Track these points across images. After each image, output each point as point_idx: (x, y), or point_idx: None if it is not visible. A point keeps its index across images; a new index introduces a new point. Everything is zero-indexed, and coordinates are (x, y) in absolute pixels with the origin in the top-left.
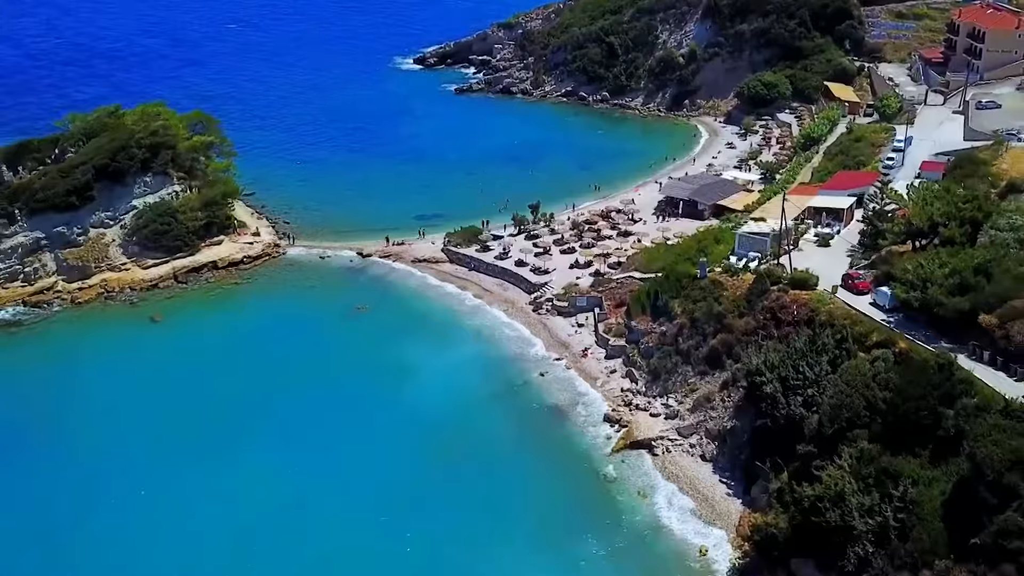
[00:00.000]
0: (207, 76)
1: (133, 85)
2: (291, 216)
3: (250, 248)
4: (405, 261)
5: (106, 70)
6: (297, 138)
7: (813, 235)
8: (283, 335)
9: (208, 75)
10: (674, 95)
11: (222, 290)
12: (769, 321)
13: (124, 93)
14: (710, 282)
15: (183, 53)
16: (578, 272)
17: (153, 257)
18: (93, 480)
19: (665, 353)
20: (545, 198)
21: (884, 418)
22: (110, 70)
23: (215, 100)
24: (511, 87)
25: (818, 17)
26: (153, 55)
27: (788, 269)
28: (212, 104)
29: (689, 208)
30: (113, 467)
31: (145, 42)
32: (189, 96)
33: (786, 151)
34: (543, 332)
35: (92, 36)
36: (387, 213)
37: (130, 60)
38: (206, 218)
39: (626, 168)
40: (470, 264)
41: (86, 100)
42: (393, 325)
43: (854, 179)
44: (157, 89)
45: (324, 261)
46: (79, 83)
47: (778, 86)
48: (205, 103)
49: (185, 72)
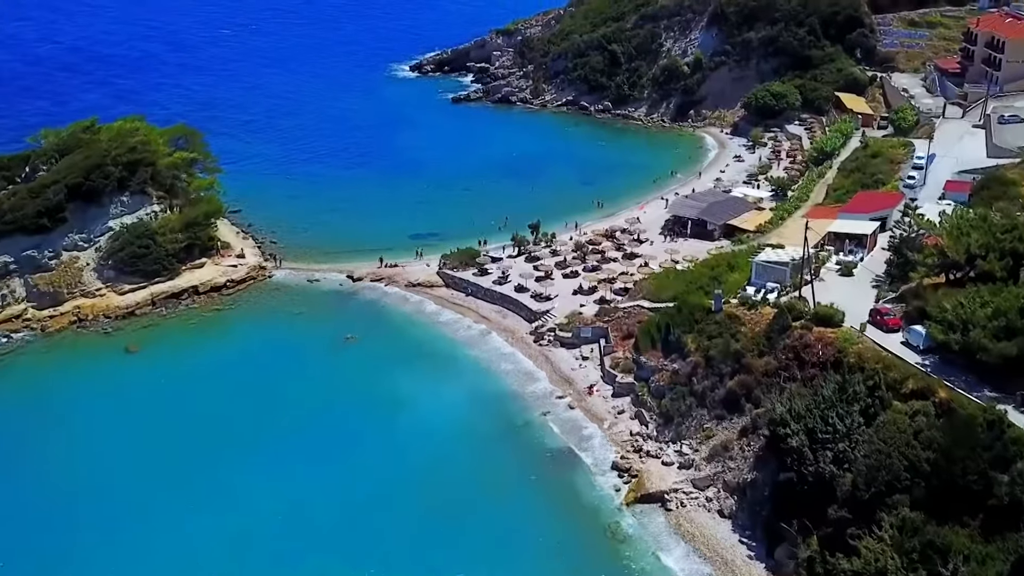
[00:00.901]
0: (198, 83)
1: (123, 92)
2: (279, 235)
3: (234, 271)
4: (398, 285)
5: (99, 76)
6: (288, 150)
7: (835, 263)
8: (267, 368)
9: (199, 82)
10: (678, 105)
11: (203, 317)
12: (792, 362)
13: (113, 99)
14: (726, 316)
15: (177, 59)
16: (582, 299)
17: (130, 282)
18: (58, 528)
19: (678, 394)
20: (546, 216)
21: (928, 482)
22: (104, 76)
23: (204, 109)
24: (510, 96)
25: (828, 25)
26: (145, 60)
27: (811, 303)
28: (200, 113)
29: (698, 228)
30: (83, 512)
31: (141, 47)
32: (177, 104)
33: (797, 165)
34: (545, 365)
35: (84, 40)
36: (380, 232)
37: (122, 65)
38: (187, 240)
39: (630, 183)
40: (467, 289)
41: (78, 108)
42: (385, 357)
43: (876, 200)
44: (148, 96)
45: (312, 285)
46: (69, 89)
47: (787, 96)
48: (194, 112)
49: (174, 79)
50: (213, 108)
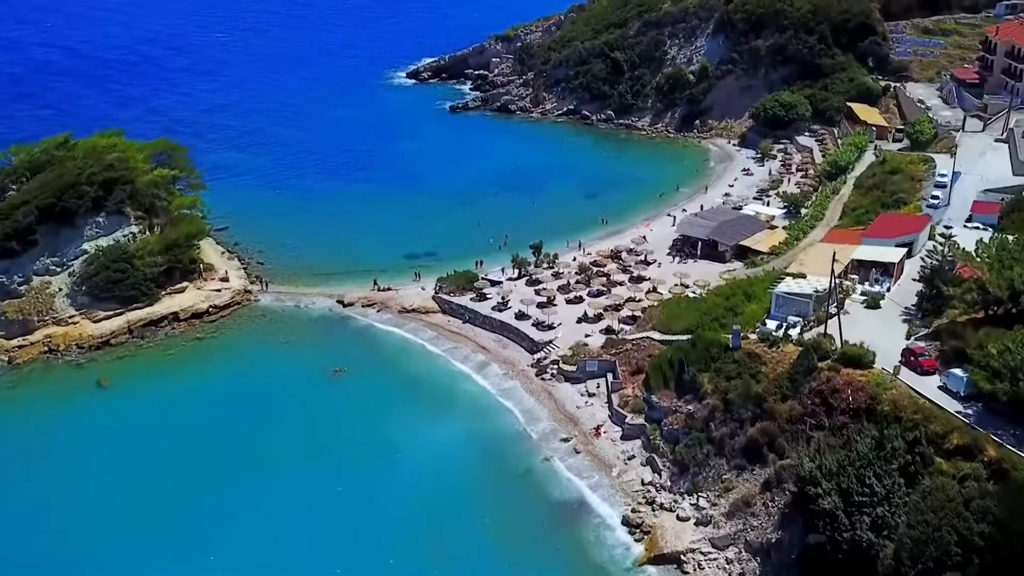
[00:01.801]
0: (186, 92)
1: (91, 101)
2: (266, 255)
3: (217, 296)
4: (391, 311)
5: (91, 81)
6: (279, 161)
7: (859, 293)
8: (249, 406)
9: (188, 90)
10: (684, 115)
11: (182, 347)
12: (819, 407)
13: (111, 105)
14: (745, 354)
15: (168, 64)
16: (586, 327)
17: (105, 309)
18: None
19: (694, 440)
20: (547, 233)
21: (982, 558)
22: (93, 81)
23: (193, 118)
24: (509, 105)
25: (839, 33)
26: (139, 65)
27: (838, 340)
28: (189, 123)
29: (708, 248)
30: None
31: (140, 50)
32: (164, 112)
33: (809, 180)
34: (548, 402)
35: (72, 46)
36: (373, 251)
37: (119, 70)
38: (167, 263)
39: (635, 197)
40: (464, 316)
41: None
42: (376, 393)
43: (901, 223)
44: (136, 103)
45: (300, 310)
46: (68, 95)
47: (797, 107)
48: (182, 122)
49: (162, 87)
50: (201, 118)
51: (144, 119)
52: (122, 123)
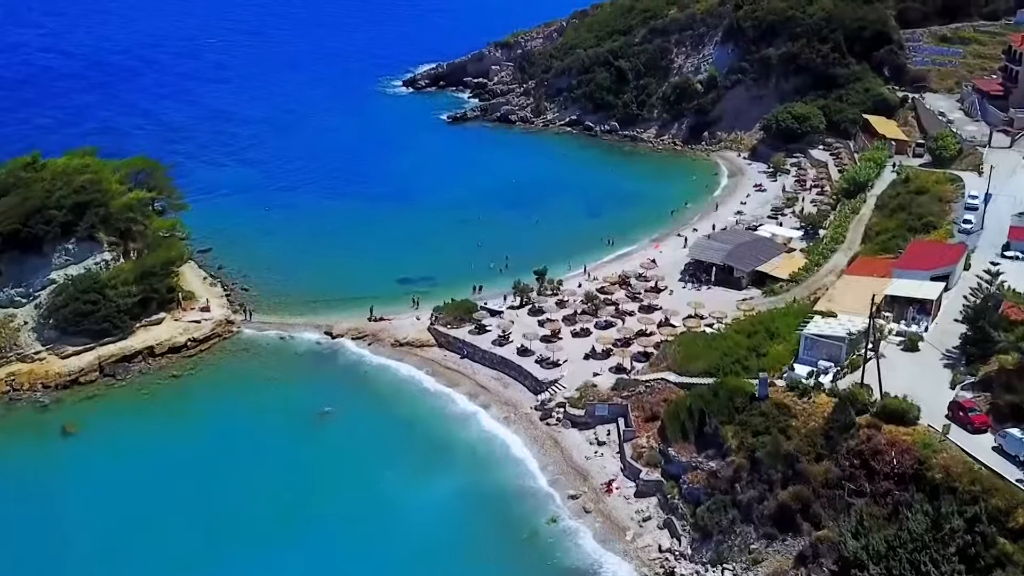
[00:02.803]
0: (172, 100)
1: (85, 110)
2: (251, 280)
3: (196, 328)
4: (384, 344)
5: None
6: (269, 176)
7: (894, 333)
8: (225, 456)
9: (175, 98)
10: (691, 126)
11: (157, 386)
12: (859, 470)
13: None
14: (773, 405)
15: (156, 71)
16: (595, 364)
17: (74, 343)
18: None
19: (717, 504)
20: (550, 255)
21: None
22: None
23: (180, 130)
24: (509, 115)
25: (853, 41)
26: (120, 74)
27: (877, 390)
28: (175, 134)
29: (723, 273)
30: None
31: (116, 59)
32: (150, 123)
33: (826, 197)
34: (553, 451)
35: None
36: (365, 276)
37: (94, 79)
38: (142, 292)
39: (642, 215)
40: (462, 350)
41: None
42: (364, 439)
43: (935, 253)
44: (123, 111)
45: (286, 343)
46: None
47: (811, 119)
48: (169, 133)
49: (149, 95)
50: (186, 130)
51: (122, 129)
52: (101, 134)
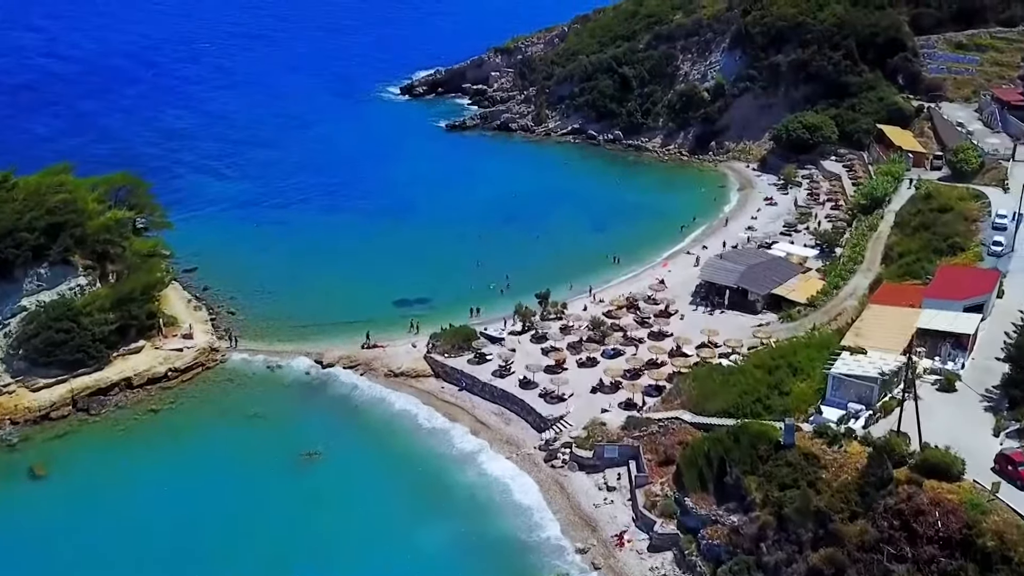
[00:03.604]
0: (165, 109)
1: (81, 115)
2: (238, 303)
3: (178, 357)
4: (377, 374)
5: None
6: (260, 188)
7: (928, 370)
8: (205, 501)
9: (168, 107)
10: (698, 135)
11: (135, 421)
12: (898, 532)
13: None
14: (800, 454)
15: (153, 76)
16: (603, 398)
17: (46, 375)
18: None
19: (741, 565)
20: (553, 275)
21: None
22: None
23: (171, 139)
24: (510, 123)
25: (866, 48)
26: (104, 82)
27: (915, 439)
28: (166, 145)
29: (736, 295)
30: None
31: (112, 63)
32: (136, 134)
33: (841, 212)
34: (559, 497)
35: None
36: (358, 298)
37: (88, 85)
38: (120, 319)
39: (649, 231)
40: (461, 382)
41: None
42: (354, 484)
43: (968, 280)
44: (108, 121)
45: (273, 373)
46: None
47: (822, 129)
48: (160, 141)
49: (136, 103)
50: (174, 137)
51: (105, 140)
52: (78, 145)
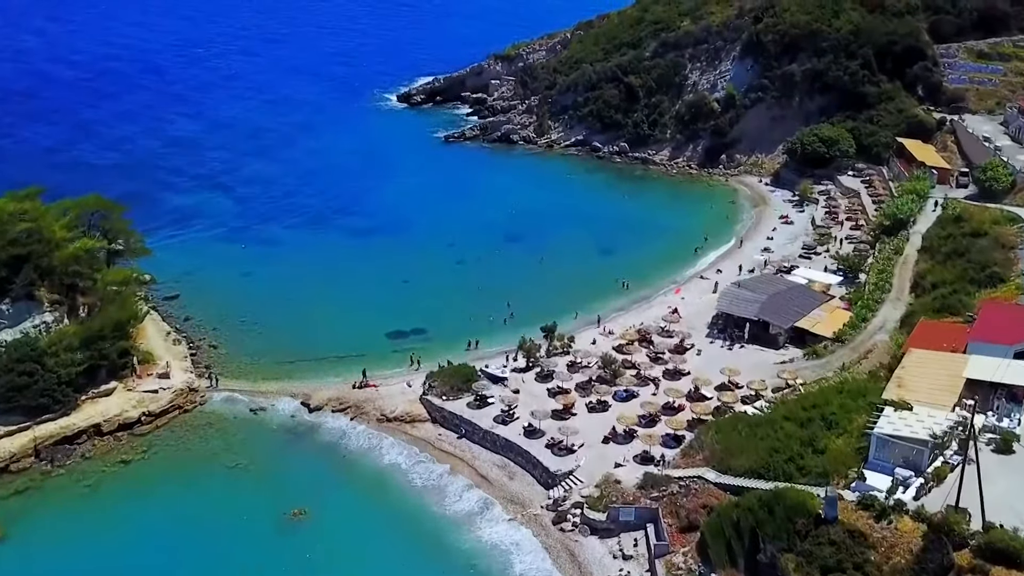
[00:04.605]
0: (151, 116)
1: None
2: (221, 334)
3: (153, 399)
4: (369, 418)
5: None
6: (249, 204)
7: (980, 427)
8: (179, 565)
9: (154, 115)
10: (707, 148)
11: (103, 473)
12: None
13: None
14: (844, 530)
15: (143, 84)
16: (616, 450)
17: (6, 423)
18: None
19: None
20: (558, 302)
21: None
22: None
23: (153, 151)
24: (511, 134)
25: (884, 57)
26: (102, 85)
27: (976, 514)
28: (144, 157)
29: (756, 328)
30: None
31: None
32: (112, 146)
33: (862, 233)
34: (570, 568)
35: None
36: (350, 328)
37: (71, 91)
38: (89, 360)
39: (659, 252)
40: (460, 428)
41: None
42: (341, 549)
43: (1018, 320)
44: (101, 132)
45: (256, 417)
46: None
47: (839, 142)
48: (134, 156)
49: (123, 108)
50: (158, 151)
51: (84, 153)
52: (58, 161)
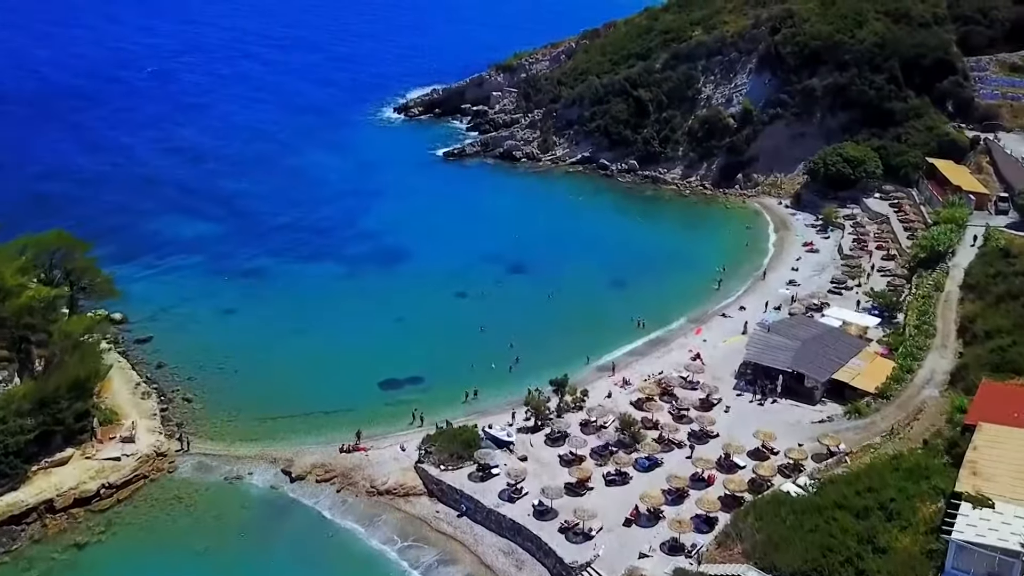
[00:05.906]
0: (128, 132)
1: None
2: (196, 384)
3: (115, 468)
4: (358, 490)
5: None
6: (232, 230)
7: None
8: None
9: (132, 129)
10: (722, 167)
11: (53, 561)
12: None
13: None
14: None
15: (116, 96)
16: (640, 535)
17: None
18: None
19: None
20: (569, 343)
21: None
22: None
23: (127, 171)
24: (513, 151)
25: (911, 71)
26: (78, 101)
27: None
28: (118, 178)
29: (789, 379)
30: None
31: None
32: (94, 160)
33: (895, 265)
34: None
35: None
36: (340, 376)
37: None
38: (41, 426)
39: (676, 285)
40: (460, 505)
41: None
42: None
43: None
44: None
45: (230, 487)
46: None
47: (866, 163)
48: (108, 176)
49: (100, 124)
50: (136, 170)
51: (54, 175)
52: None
